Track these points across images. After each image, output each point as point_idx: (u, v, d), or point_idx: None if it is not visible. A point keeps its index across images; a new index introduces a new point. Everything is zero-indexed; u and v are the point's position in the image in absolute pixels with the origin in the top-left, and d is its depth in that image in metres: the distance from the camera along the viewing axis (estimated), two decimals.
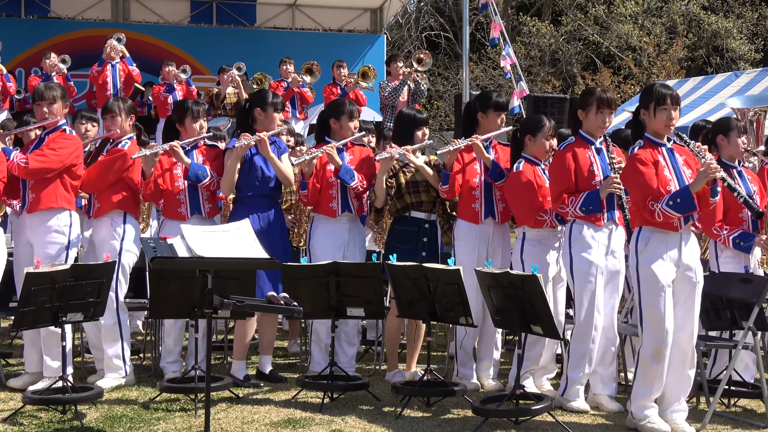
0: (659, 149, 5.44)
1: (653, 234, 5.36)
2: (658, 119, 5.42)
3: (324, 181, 6.67)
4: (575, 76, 24.73)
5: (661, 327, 5.31)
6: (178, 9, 16.83)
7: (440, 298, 5.74)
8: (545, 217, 6.14)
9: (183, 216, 6.59)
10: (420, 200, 6.63)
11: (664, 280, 5.30)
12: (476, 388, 6.45)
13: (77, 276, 5.59)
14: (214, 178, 6.61)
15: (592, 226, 5.81)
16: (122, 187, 6.53)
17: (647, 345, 5.37)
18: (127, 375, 6.47)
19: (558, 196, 5.85)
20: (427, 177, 6.60)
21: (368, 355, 7.71)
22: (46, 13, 16.24)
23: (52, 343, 6.10)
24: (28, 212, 6.25)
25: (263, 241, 5.49)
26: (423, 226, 6.62)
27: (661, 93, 5.40)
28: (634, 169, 5.39)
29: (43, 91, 6.36)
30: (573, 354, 5.85)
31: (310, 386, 6.14)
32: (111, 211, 6.50)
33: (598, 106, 5.89)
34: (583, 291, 5.79)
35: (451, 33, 27.42)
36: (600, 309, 5.80)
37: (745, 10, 26.68)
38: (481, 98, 6.76)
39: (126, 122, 6.70)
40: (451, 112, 24.48)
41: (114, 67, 12.56)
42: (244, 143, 6.43)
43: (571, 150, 5.90)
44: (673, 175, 5.38)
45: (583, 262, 5.78)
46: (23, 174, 6.16)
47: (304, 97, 13.35)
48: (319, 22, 17.37)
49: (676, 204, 5.23)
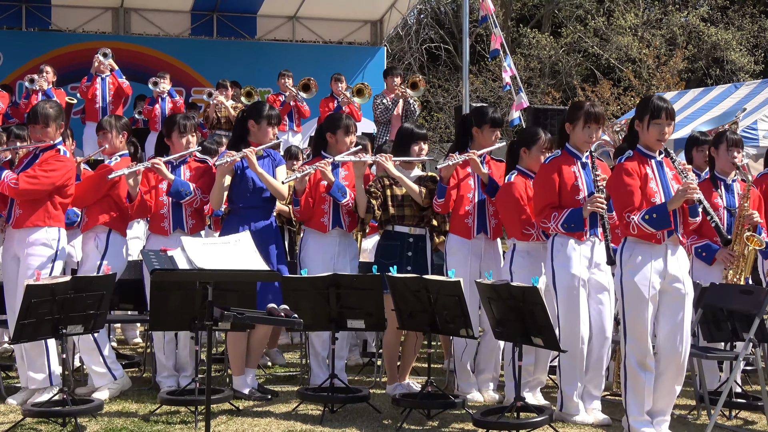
0: (648, 162, 5.43)
1: (637, 245, 5.35)
2: (651, 132, 5.41)
3: (317, 195, 6.66)
4: (575, 87, 24.75)
5: (645, 339, 5.32)
6: (179, 21, 16.86)
7: (441, 310, 5.74)
8: (531, 231, 6.15)
9: (166, 231, 6.60)
10: (403, 214, 6.61)
11: (647, 292, 5.29)
12: (477, 401, 6.44)
13: (77, 288, 5.60)
14: (197, 195, 6.58)
15: (575, 239, 5.79)
16: (109, 203, 6.55)
17: (631, 357, 5.37)
18: (118, 378, 6.47)
19: (541, 211, 5.84)
20: (406, 189, 6.57)
21: (369, 368, 7.70)
22: (47, 26, 16.26)
23: (35, 354, 6.09)
24: (13, 227, 6.24)
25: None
26: (407, 241, 6.60)
27: (657, 106, 5.38)
28: (619, 180, 5.39)
29: (38, 113, 6.31)
30: (564, 368, 5.82)
31: (311, 398, 6.13)
32: (95, 227, 6.53)
33: (585, 120, 5.85)
34: (567, 304, 5.77)
35: (451, 45, 27.46)
36: (584, 321, 5.77)
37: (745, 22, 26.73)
38: (477, 113, 6.76)
39: (117, 139, 6.72)
40: (451, 124, 24.50)
41: (104, 81, 12.51)
42: (227, 160, 6.40)
43: (556, 164, 5.87)
44: (660, 188, 5.37)
45: (566, 275, 5.76)
46: (13, 195, 6.14)
47: (301, 110, 13.36)
48: (319, 34, 17.40)
49: (652, 219, 5.24)
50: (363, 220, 6.81)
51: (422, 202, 6.56)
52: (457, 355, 6.54)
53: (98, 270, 6.34)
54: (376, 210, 6.56)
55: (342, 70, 13.70)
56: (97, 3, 16.17)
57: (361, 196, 6.57)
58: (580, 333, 5.75)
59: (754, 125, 11.98)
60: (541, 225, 5.88)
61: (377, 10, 17.10)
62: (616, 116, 18.33)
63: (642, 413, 5.38)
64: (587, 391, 5.89)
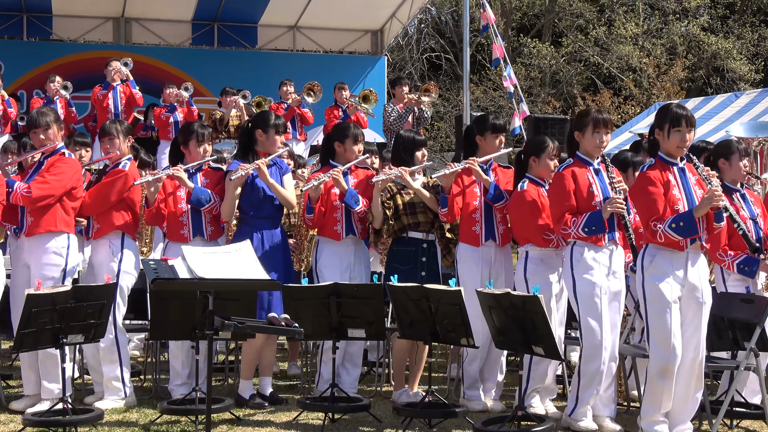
0: (671, 169, 5.48)
1: (659, 252, 5.38)
2: (671, 140, 5.45)
3: (329, 204, 6.68)
4: (576, 97, 24.79)
5: (668, 344, 5.32)
6: (180, 31, 16.88)
7: (441, 319, 5.73)
8: (552, 237, 6.13)
9: (185, 238, 6.59)
10: (417, 221, 6.63)
11: (670, 297, 5.32)
12: (484, 409, 6.42)
13: (78, 297, 5.59)
14: (216, 203, 6.61)
15: (593, 246, 5.80)
16: (122, 208, 6.53)
17: (654, 362, 5.38)
18: (127, 397, 6.45)
19: (560, 218, 5.84)
20: (423, 199, 6.61)
21: (369, 377, 7.69)
22: (48, 36, 16.28)
23: (50, 365, 6.08)
24: (26, 236, 6.24)
25: (265, 261, 5.48)
26: (421, 246, 6.63)
27: (677, 114, 5.43)
28: (642, 189, 5.42)
29: (36, 118, 6.34)
30: (584, 375, 5.79)
31: (311, 408, 6.12)
32: (110, 233, 6.50)
33: (594, 126, 5.89)
34: (589, 312, 5.77)
35: (452, 54, 27.51)
36: (607, 328, 5.78)
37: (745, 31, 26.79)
38: (478, 121, 6.77)
39: (124, 144, 6.70)
40: (451, 133, 24.52)
41: (115, 90, 12.52)
42: (241, 173, 6.42)
43: (570, 171, 5.90)
44: (683, 194, 5.42)
45: (587, 284, 5.77)
46: (28, 204, 6.15)
47: (304, 117, 13.36)
48: (320, 43, 17.43)
49: (679, 227, 5.27)
50: (378, 231, 6.82)
51: (437, 209, 6.59)
52: (466, 363, 6.52)
53: (117, 276, 6.35)
54: (390, 220, 6.59)
55: (343, 80, 13.71)
56: (98, 13, 16.20)
57: (377, 209, 6.60)
58: (602, 341, 5.74)
59: None
60: (561, 232, 5.87)
61: (378, 20, 17.13)
62: (617, 125, 18.32)
63: (657, 414, 5.40)
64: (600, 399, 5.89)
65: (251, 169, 6.44)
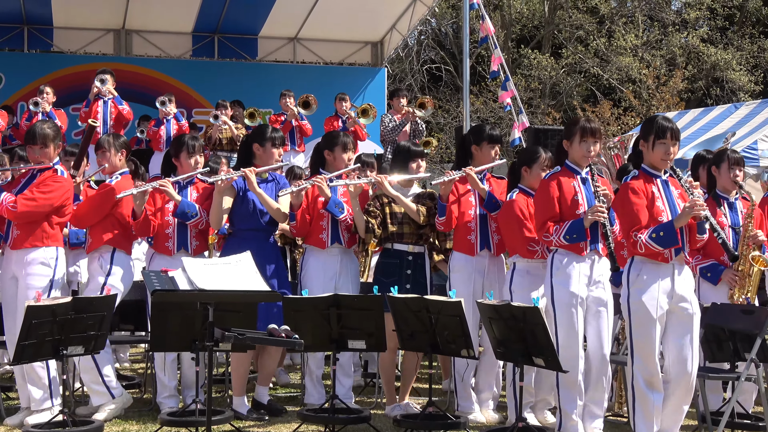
0: (654, 181, 5.46)
1: (645, 265, 5.36)
2: (656, 152, 5.44)
3: (315, 212, 6.67)
4: (575, 108, 24.83)
5: (652, 359, 5.32)
6: (180, 43, 16.91)
7: (441, 330, 5.73)
8: (536, 248, 6.14)
9: (170, 251, 6.60)
10: (402, 232, 6.62)
11: (654, 312, 5.29)
12: (479, 421, 6.42)
13: (78, 309, 5.59)
14: (202, 217, 6.60)
15: (575, 256, 5.76)
16: (112, 222, 6.53)
17: (639, 377, 5.36)
18: (117, 397, 6.43)
19: (542, 225, 5.82)
20: (404, 208, 6.59)
21: (369, 389, 7.68)
22: (48, 48, 16.31)
23: (35, 374, 6.08)
24: (11, 248, 6.23)
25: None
26: (406, 259, 6.61)
27: (662, 126, 5.42)
28: (625, 198, 5.41)
29: (36, 134, 6.31)
30: (562, 386, 5.77)
31: (311, 419, 6.11)
32: (100, 247, 6.51)
33: (581, 135, 5.85)
34: (565, 321, 5.73)
35: (452, 66, 27.57)
36: (580, 338, 5.75)
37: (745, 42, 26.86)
38: (474, 131, 6.79)
39: (116, 157, 6.70)
40: (451, 144, 24.55)
41: (105, 104, 12.29)
42: (223, 177, 6.43)
43: (555, 179, 5.87)
44: (667, 206, 5.40)
45: (564, 293, 5.73)
46: (12, 218, 6.14)
47: (303, 129, 13.34)
48: (320, 55, 17.45)
49: (659, 237, 5.25)
50: (364, 240, 6.81)
51: (420, 220, 6.57)
52: (458, 375, 6.53)
53: (101, 290, 6.35)
54: (376, 229, 6.57)
55: (343, 91, 13.71)
56: (98, 25, 16.22)
57: (358, 217, 6.58)
58: (577, 351, 5.72)
59: (755, 145, 12.00)
60: (543, 239, 5.86)
61: (378, 32, 17.16)
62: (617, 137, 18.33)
63: None
64: (589, 410, 5.84)
65: (236, 175, 6.44)
